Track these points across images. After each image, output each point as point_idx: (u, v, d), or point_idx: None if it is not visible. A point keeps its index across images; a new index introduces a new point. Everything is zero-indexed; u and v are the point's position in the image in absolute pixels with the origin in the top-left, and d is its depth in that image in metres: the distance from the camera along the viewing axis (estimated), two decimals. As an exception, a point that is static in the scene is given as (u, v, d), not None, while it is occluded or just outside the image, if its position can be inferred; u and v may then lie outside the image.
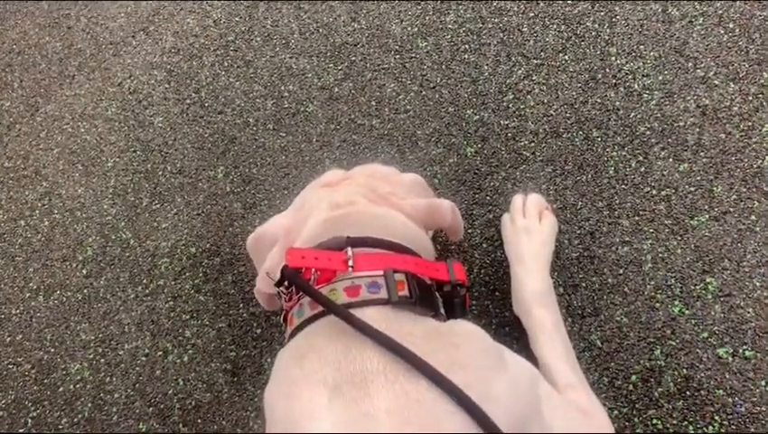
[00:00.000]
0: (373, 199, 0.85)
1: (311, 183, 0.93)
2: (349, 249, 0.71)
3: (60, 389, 1.13)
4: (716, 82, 1.10)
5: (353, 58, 1.29)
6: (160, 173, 1.28)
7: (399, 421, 0.55)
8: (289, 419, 0.59)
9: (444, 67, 1.23)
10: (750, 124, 1.06)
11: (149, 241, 1.21)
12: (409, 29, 1.28)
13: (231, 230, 1.19)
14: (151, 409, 1.08)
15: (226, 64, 1.36)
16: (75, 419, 1.10)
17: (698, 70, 1.12)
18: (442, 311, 0.76)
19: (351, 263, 0.69)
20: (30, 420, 1.12)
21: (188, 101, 1.34)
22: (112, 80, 1.41)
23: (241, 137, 1.27)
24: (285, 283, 0.75)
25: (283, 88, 1.30)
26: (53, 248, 1.26)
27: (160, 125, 1.33)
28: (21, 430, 1.11)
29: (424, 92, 1.22)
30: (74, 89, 1.42)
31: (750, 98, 1.08)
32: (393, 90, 1.24)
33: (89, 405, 1.11)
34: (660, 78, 1.13)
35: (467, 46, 1.24)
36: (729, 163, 1.04)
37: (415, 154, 1.17)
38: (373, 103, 1.24)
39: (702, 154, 1.05)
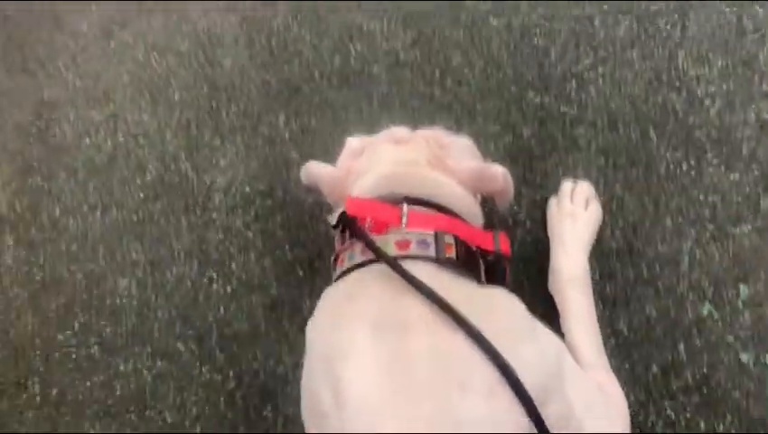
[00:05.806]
0: (434, 162, 0.88)
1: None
2: (404, 205, 0.74)
3: (108, 301, 1.20)
4: (779, 99, 1.12)
5: (423, 27, 1.32)
6: (224, 112, 1.32)
7: (435, 366, 0.59)
8: (333, 348, 0.63)
9: (512, 47, 1.25)
10: (807, 144, 1.07)
11: (206, 175, 1.27)
12: (483, 6, 1.30)
13: (286, 175, 1.24)
14: (191, 331, 1.15)
15: (299, 17, 1.39)
16: (119, 330, 1.17)
17: (764, 85, 1.13)
18: (483, 279, 0.80)
19: (404, 220, 0.73)
20: (77, 324, 1.19)
21: (258, 47, 1.38)
22: (188, 17, 1.45)
23: (305, 89, 1.31)
24: (341, 227, 0.80)
25: (351, 46, 1.33)
26: (114, 168, 1.32)
27: (228, 66, 1.37)
28: (68, 332, 1.19)
29: (489, 69, 1.25)
30: (150, 21, 1.47)
31: (811, 119, 1.09)
32: (458, 63, 1.27)
33: (133, 318, 1.18)
34: (725, 87, 1.14)
35: (538, 30, 1.26)
36: (780, 179, 1.06)
37: (472, 127, 1.20)
38: (437, 73, 1.27)
39: (754, 166, 1.07)
